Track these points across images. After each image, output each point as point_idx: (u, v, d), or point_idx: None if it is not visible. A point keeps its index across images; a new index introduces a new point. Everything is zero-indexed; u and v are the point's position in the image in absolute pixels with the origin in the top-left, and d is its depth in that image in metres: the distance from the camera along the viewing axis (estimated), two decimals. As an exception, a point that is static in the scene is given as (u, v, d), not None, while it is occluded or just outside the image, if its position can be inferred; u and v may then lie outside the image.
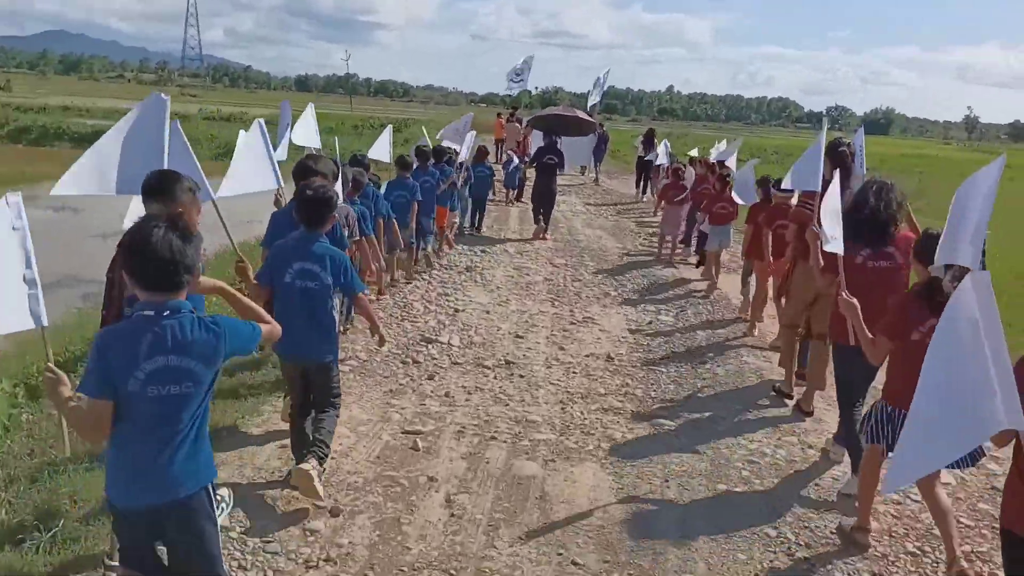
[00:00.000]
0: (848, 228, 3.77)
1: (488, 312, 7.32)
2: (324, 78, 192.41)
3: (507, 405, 5.05)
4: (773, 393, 5.35)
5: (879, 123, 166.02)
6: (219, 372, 2.26)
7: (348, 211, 5.12)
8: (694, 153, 15.54)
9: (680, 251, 10.52)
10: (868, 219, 3.85)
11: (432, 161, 9.12)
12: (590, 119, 16.19)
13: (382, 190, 7.55)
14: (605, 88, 19.62)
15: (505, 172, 15.12)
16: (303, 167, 4.15)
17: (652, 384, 5.58)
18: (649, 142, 17.14)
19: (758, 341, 6.64)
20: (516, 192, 15.15)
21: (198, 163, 3.35)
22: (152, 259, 2.08)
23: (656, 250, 10.64)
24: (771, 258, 6.45)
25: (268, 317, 2.54)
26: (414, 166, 8.47)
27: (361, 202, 6.06)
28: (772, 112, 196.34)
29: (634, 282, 8.97)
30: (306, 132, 6.62)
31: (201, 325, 2.17)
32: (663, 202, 10.49)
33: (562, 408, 5.03)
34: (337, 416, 3.76)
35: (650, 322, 7.28)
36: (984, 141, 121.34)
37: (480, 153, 11.51)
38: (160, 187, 2.72)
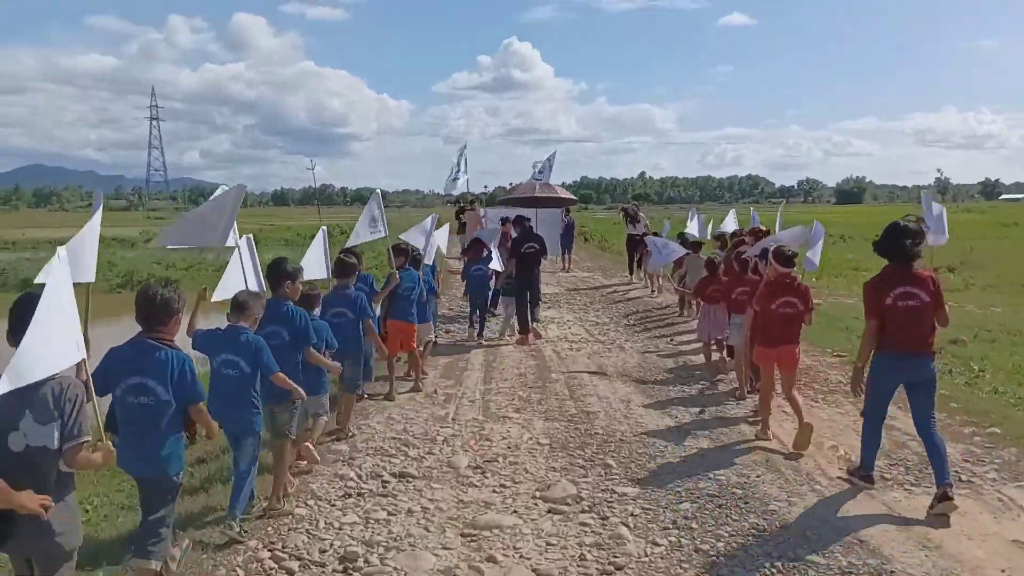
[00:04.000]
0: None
1: None
2: (300, 191, 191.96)
3: None
4: None
5: (852, 192, 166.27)
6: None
7: None
8: (730, 226, 12.49)
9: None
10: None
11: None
12: (568, 196, 16.06)
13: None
14: (550, 173, 17.05)
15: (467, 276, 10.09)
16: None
17: None
18: (631, 217, 16.18)
19: None
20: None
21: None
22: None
23: (704, 367, 7.78)
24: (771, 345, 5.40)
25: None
26: (356, 273, 6.25)
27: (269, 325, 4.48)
28: (744, 190, 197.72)
29: (745, 563, 3.77)
30: (316, 260, 6.31)
31: None
32: (700, 300, 8.44)
33: None
34: None
35: None
36: (959, 201, 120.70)
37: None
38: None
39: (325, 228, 6.74)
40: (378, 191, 7.64)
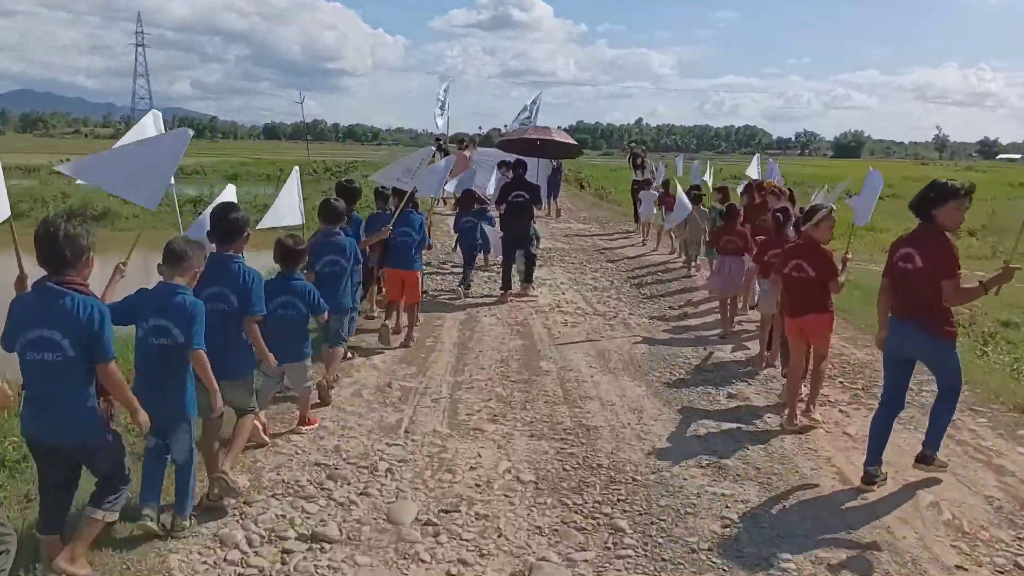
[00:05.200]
0: None
1: None
2: (291, 125, 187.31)
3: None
4: None
5: (850, 146, 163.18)
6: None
7: None
8: (754, 173, 11.41)
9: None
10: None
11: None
12: (571, 142, 14.06)
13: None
14: (535, 117, 15.73)
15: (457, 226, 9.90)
16: None
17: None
18: (638, 163, 15.29)
19: None
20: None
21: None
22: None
23: (724, 332, 7.03)
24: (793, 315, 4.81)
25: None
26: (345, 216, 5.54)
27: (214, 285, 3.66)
28: (741, 140, 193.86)
29: None
30: (289, 205, 5.65)
31: None
32: (715, 248, 7.66)
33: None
34: None
35: None
36: (956, 159, 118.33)
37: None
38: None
39: (298, 168, 5.99)
40: (432, 148, 7.16)
